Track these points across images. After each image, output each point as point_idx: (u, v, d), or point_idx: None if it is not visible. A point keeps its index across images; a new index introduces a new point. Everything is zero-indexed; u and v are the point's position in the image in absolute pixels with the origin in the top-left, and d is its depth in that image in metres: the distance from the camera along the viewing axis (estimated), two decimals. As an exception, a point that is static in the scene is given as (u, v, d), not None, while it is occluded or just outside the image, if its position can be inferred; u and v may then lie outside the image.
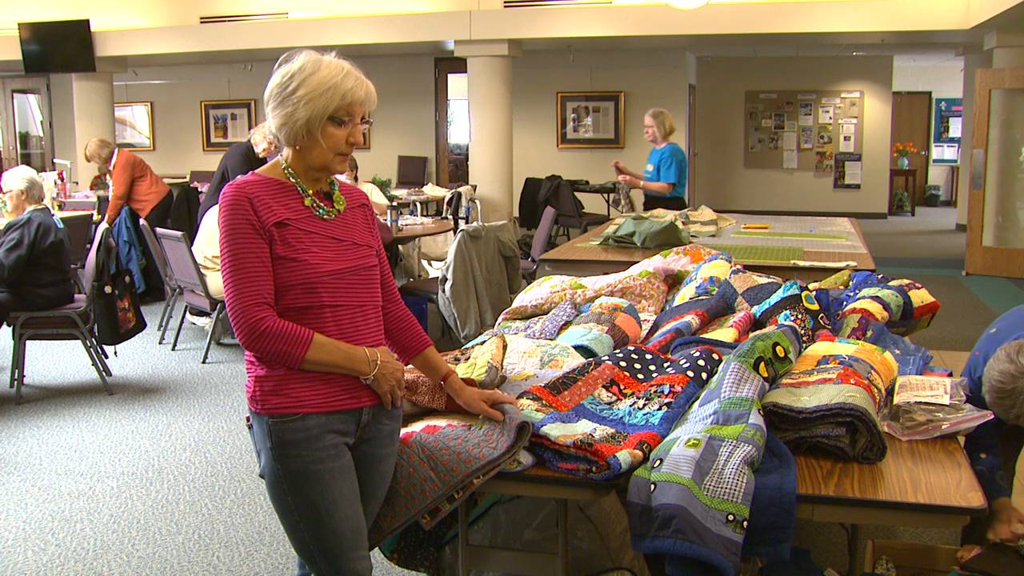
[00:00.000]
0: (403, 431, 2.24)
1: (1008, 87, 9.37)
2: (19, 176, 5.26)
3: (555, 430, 2.14)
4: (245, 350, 2.03)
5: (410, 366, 2.33)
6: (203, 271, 5.89)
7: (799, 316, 2.87)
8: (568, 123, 13.65)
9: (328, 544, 2.03)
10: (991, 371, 2.28)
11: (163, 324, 6.77)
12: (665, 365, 2.54)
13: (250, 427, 2.11)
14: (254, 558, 3.33)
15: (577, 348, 2.81)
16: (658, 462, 1.99)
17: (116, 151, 7.74)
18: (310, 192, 2.07)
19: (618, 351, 2.62)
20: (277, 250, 1.99)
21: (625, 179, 6.88)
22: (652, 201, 6.78)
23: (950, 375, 2.58)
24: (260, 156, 6.46)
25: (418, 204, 10.16)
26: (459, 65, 11.75)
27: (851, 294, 3.45)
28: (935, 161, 16.97)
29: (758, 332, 2.61)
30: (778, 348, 2.40)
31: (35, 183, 5.27)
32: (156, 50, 11.71)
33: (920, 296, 3.43)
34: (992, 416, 2.27)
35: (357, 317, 2.07)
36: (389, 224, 7.06)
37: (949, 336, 6.54)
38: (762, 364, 2.31)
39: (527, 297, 3.51)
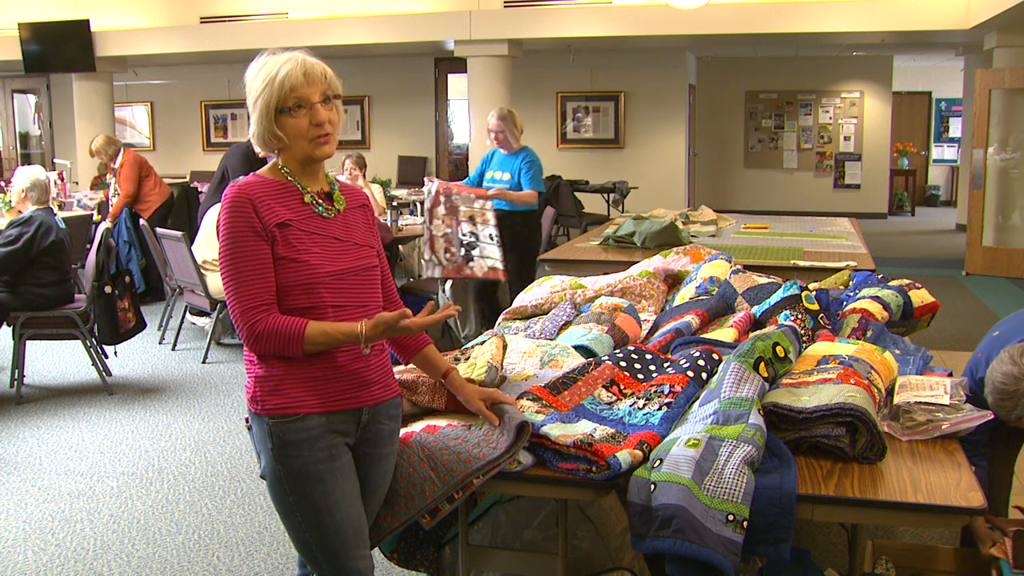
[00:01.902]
0: (403, 431, 2.24)
1: (1008, 87, 9.36)
2: (24, 175, 5.27)
3: (555, 430, 2.14)
4: (244, 350, 2.03)
5: (411, 365, 2.33)
6: (203, 271, 5.89)
7: (799, 316, 2.87)
8: (568, 123, 13.64)
9: (330, 544, 2.04)
10: (994, 372, 2.31)
11: (163, 324, 6.77)
12: (665, 365, 2.54)
13: (249, 428, 2.11)
14: (254, 558, 3.33)
15: (577, 348, 2.81)
16: (658, 462, 1.99)
17: (122, 150, 7.76)
18: (309, 189, 2.07)
19: (618, 351, 2.62)
20: (279, 251, 1.98)
21: (492, 193, 5.51)
22: (511, 215, 5.66)
23: (950, 375, 2.58)
24: (260, 156, 6.46)
25: (418, 204, 10.15)
26: (459, 65, 11.74)
27: (851, 294, 3.45)
28: (935, 161, 16.97)
29: (758, 332, 2.61)
30: (778, 348, 2.40)
31: (38, 183, 5.26)
32: (156, 50, 11.71)
33: (920, 296, 3.43)
34: (993, 416, 2.28)
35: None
36: (389, 224, 7.06)
37: (949, 336, 6.54)
38: (762, 364, 2.31)
39: (527, 297, 3.51)
